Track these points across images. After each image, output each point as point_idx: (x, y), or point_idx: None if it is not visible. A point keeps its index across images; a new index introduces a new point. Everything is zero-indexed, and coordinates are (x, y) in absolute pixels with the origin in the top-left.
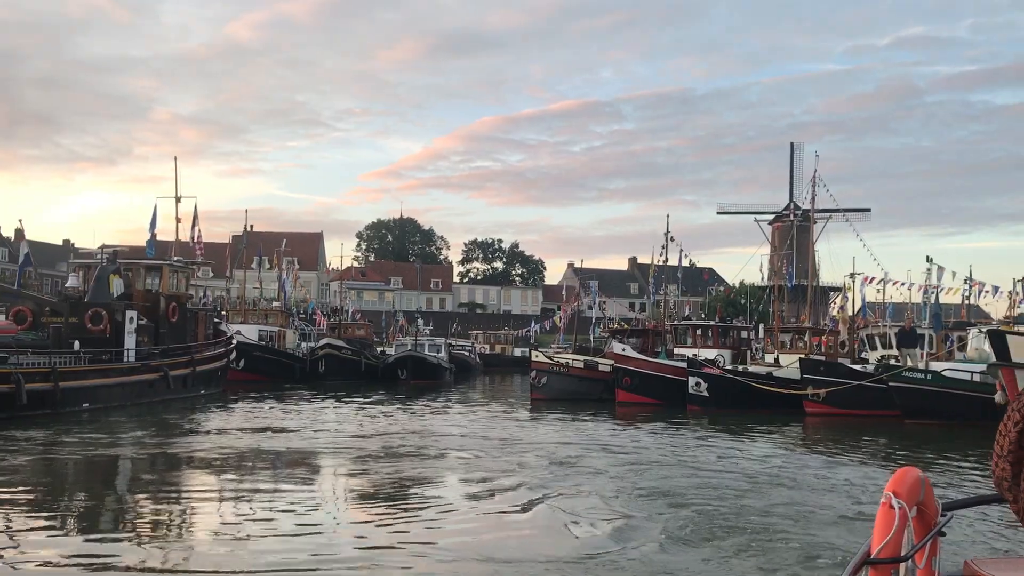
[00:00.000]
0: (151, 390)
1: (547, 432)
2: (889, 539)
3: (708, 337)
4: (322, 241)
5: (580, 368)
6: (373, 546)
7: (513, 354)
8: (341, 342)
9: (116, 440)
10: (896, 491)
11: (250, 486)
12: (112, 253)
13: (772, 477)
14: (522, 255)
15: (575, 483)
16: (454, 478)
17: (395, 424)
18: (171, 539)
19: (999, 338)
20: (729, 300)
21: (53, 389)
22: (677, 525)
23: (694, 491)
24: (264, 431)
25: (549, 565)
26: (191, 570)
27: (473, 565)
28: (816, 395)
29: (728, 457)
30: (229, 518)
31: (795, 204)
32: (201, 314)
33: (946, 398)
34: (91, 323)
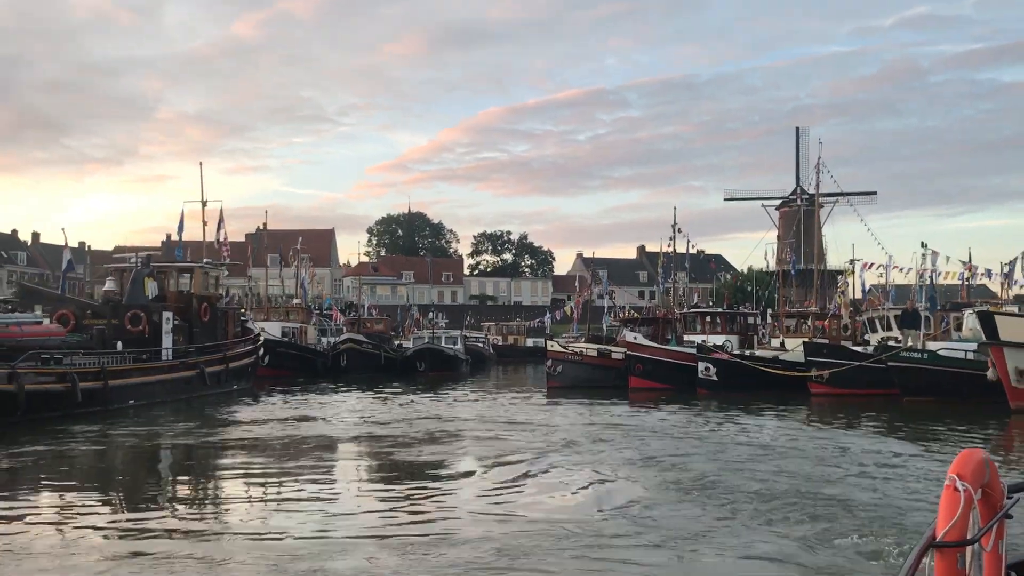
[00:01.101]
0: (189, 386)
1: (566, 416)
2: (955, 522)
3: (716, 324)
4: (334, 237)
5: (594, 356)
6: (405, 521)
7: (526, 344)
8: (361, 336)
9: (166, 432)
10: (960, 473)
11: (293, 467)
12: (146, 257)
13: (786, 449)
14: (531, 246)
15: (597, 457)
16: (489, 454)
17: (425, 411)
18: (211, 516)
19: (988, 319)
20: (736, 287)
21: (103, 387)
22: (718, 502)
23: (718, 466)
24: (300, 420)
25: (583, 525)
26: (231, 537)
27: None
28: (820, 376)
29: (741, 434)
30: (269, 498)
31: (801, 189)
32: (230, 313)
33: (942, 376)
34: (131, 324)
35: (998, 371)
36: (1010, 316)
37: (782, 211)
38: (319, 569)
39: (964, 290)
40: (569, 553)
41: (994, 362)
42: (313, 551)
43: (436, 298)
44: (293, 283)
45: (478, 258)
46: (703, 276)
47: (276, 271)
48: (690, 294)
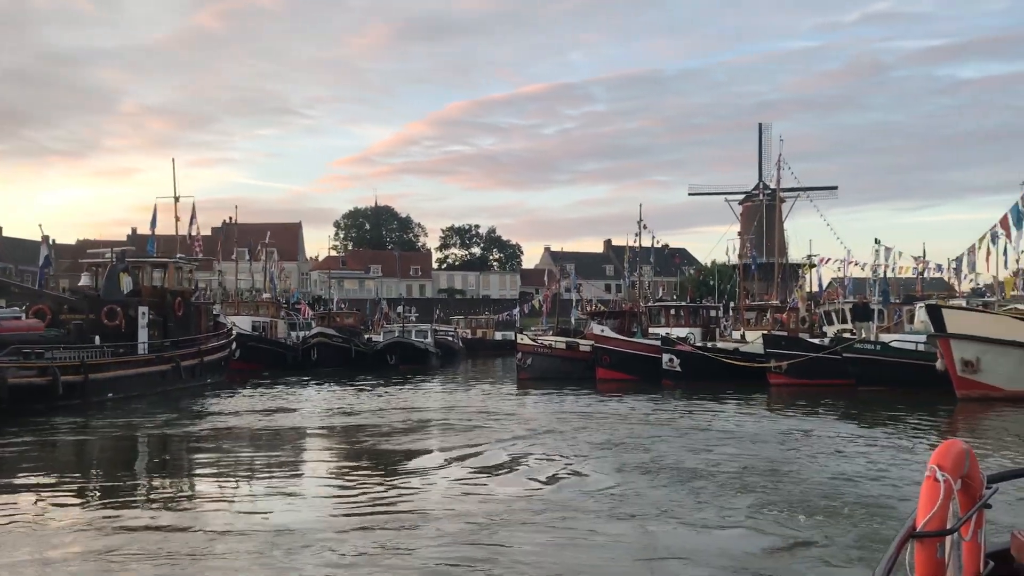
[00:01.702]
0: (164, 380)
1: (536, 405)
2: (934, 512)
3: (680, 317)
4: (301, 231)
5: (563, 349)
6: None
7: (494, 338)
8: (332, 331)
9: (146, 424)
10: (941, 464)
11: (272, 457)
12: (121, 252)
13: (745, 434)
14: (499, 240)
15: (566, 442)
16: (463, 441)
17: (399, 403)
18: (189, 505)
19: (936, 312)
20: (700, 281)
21: (83, 381)
22: (691, 484)
23: (682, 450)
24: (276, 412)
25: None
26: (205, 528)
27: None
28: (778, 367)
29: (703, 420)
30: (247, 487)
31: (764, 184)
32: (203, 307)
33: (893, 367)
34: (107, 319)
35: (945, 362)
36: (957, 309)
37: (745, 206)
38: (295, 553)
39: (919, 284)
40: (539, 526)
41: (942, 353)
42: (290, 537)
43: (404, 292)
44: (261, 277)
45: (446, 252)
46: (668, 270)
47: (244, 265)
48: (655, 288)
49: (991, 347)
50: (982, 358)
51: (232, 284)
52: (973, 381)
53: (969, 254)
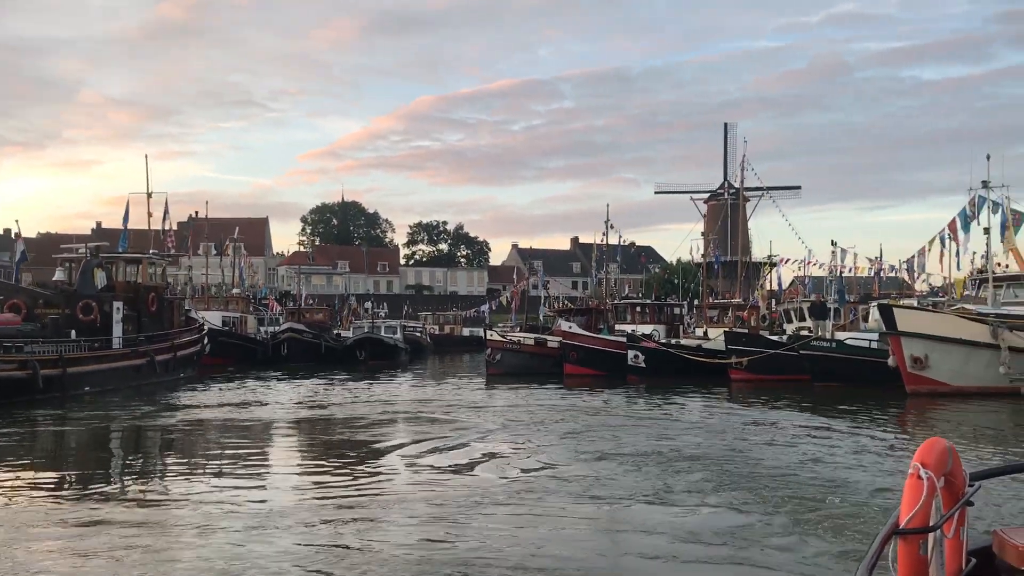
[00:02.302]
0: (139, 374)
1: (505, 399)
2: (918, 510)
3: (645, 314)
4: (267, 226)
5: (531, 345)
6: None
7: (462, 334)
8: (302, 326)
9: (123, 416)
10: (924, 462)
11: (242, 450)
12: (95, 248)
13: (706, 424)
14: (467, 236)
15: (534, 432)
16: (434, 431)
17: (370, 396)
18: (165, 494)
19: (887, 311)
20: (665, 280)
21: (61, 374)
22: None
23: (646, 438)
24: (251, 405)
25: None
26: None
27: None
28: (739, 363)
29: (666, 412)
30: (217, 478)
31: (729, 183)
32: (175, 303)
33: (848, 363)
34: (82, 314)
35: (896, 358)
36: (906, 309)
37: (710, 204)
38: (266, 540)
39: (876, 283)
40: (509, 507)
41: (893, 350)
42: (262, 525)
43: (372, 288)
44: (228, 271)
45: (414, 248)
46: (634, 268)
47: (211, 260)
48: (621, 285)
49: (938, 345)
50: (930, 355)
51: (199, 279)
52: (921, 377)
53: (919, 256)
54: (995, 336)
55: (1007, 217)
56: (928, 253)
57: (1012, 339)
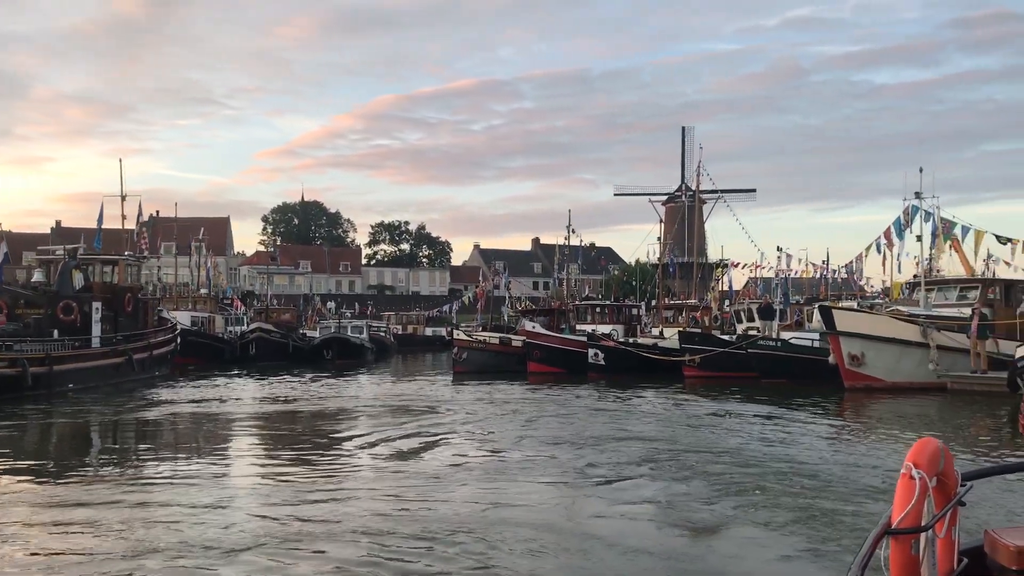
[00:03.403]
0: (118, 372)
1: (472, 394)
2: (909, 510)
3: (605, 314)
4: (229, 226)
5: (496, 344)
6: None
7: (425, 334)
8: (270, 326)
9: (107, 412)
10: (916, 462)
11: (220, 443)
12: (73, 250)
13: (661, 415)
14: (428, 237)
15: (498, 422)
16: (404, 423)
17: (341, 393)
18: (151, 486)
19: (827, 312)
20: (624, 281)
21: (48, 372)
22: (632, 458)
23: (604, 427)
24: (224, 401)
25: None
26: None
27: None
28: (692, 361)
29: (624, 405)
30: (194, 469)
31: (686, 186)
32: (150, 303)
33: (792, 361)
34: (63, 314)
35: (835, 356)
36: (845, 311)
37: (667, 206)
38: (230, 528)
39: (823, 285)
40: (470, 487)
41: (832, 349)
42: (233, 505)
43: (334, 287)
44: (191, 271)
45: (376, 248)
46: (594, 268)
47: (172, 259)
48: (581, 286)
49: (873, 343)
50: (866, 353)
51: (166, 279)
52: (858, 373)
53: (857, 261)
54: (925, 336)
55: (937, 226)
56: (865, 259)
57: (940, 338)
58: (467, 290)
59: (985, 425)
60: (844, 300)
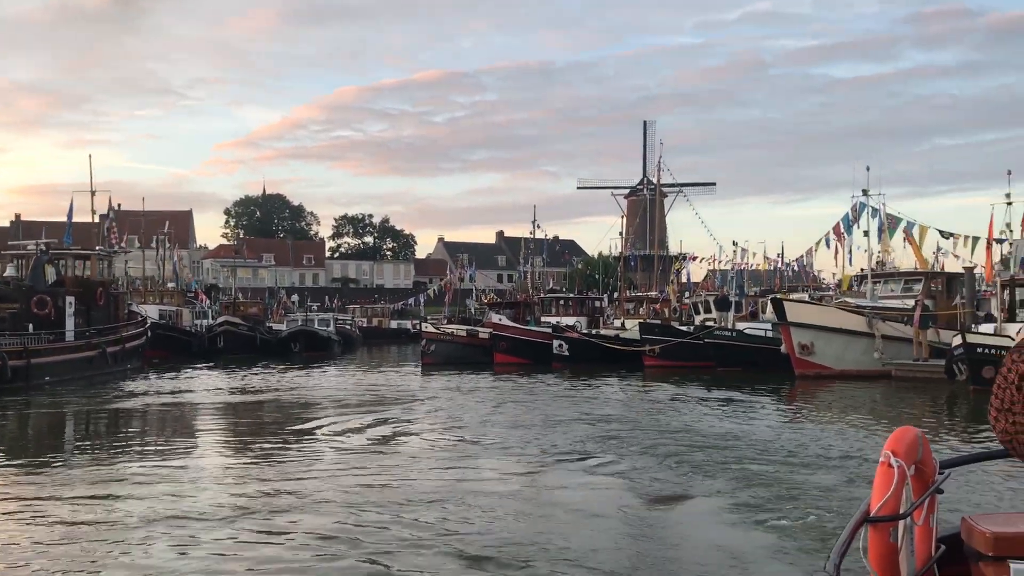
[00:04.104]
0: (92, 365)
1: (440, 383)
2: (888, 498)
3: (568, 307)
4: (192, 219)
5: (463, 336)
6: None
7: (390, 327)
8: (238, 319)
9: (85, 403)
10: (895, 450)
11: (195, 433)
12: (46, 245)
13: (622, 401)
14: (392, 230)
15: (465, 408)
16: (383, 410)
17: (314, 384)
18: (127, 475)
19: (778, 304)
20: (587, 275)
21: (26, 365)
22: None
23: (568, 412)
24: (197, 392)
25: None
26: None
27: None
28: (652, 351)
29: (587, 393)
30: (171, 458)
31: (648, 180)
32: (120, 297)
33: (746, 350)
34: (37, 308)
35: (786, 345)
36: (795, 302)
37: (629, 200)
38: (190, 516)
39: (778, 277)
40: (443, 463)
41: (784, 338)
42: (202, 486)
43: (298, 281)
44: (159, 265)
45: (339, 241)
46: (557, 261)
47: (137, 253)
48: (546, 279)
49: (822, 333)
50: (815, 342)
51: (132, 273)
52: (808, 361)
53: (808, 255)
54: (870, 326)
55: (883, 222)
56: (815, 253)
57: (884, 328)
58: (432, 283)
59: (926, 410)
60: (800, 292)
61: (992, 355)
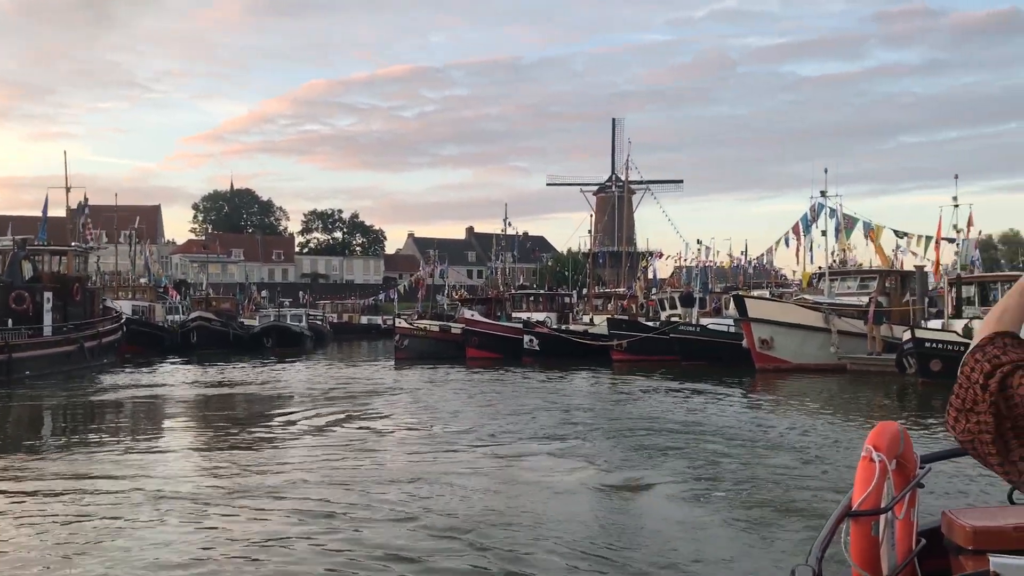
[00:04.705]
0: (70, 359)
1: (414, 377)
2: (870, 492)
3: (539, 303)
4: (160, 214)
5: (436, 331)
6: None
7: (360, 322)
8: (211, 315)
9: (69, 396)
10: (876, 445)
11: (174, 424)
12: (22, 241)
13: (591, 392)
14: (362, 225)
15: (438, 398)
16: (361, 401)
17: (299, 377)
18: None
19: (740, 301)
20: (556, 272)
21: (7, 360)
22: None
23: (538, 403)
24: (175, 386)
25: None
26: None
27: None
28: (619, 345)
29: (558, 385)
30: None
31: (617, 177)
32: (96, 292)
33: (709, 344)
34: (15, 304)
35: (747, 341)
36: (756, 299)
37: (599, 196)
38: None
39: (742, 275)
40: (417, 448)
41: (745, 333)
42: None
43: (267, 276)
44: (131, 260)
45: (309, 236)
46: (527, 257)
47: (108, 248)
48: (516, 275)
49: (781, 329)
50: (775, 337)
51: (101, 268)
52: (768, 356)
53: (768, 253)
54: (827, 322)
55: (840, 222)
56: (775, 251)
57: (840, 324)
58: (402, 279)
59: (876, 401)
60: (763, 289)
61: (939, 349)
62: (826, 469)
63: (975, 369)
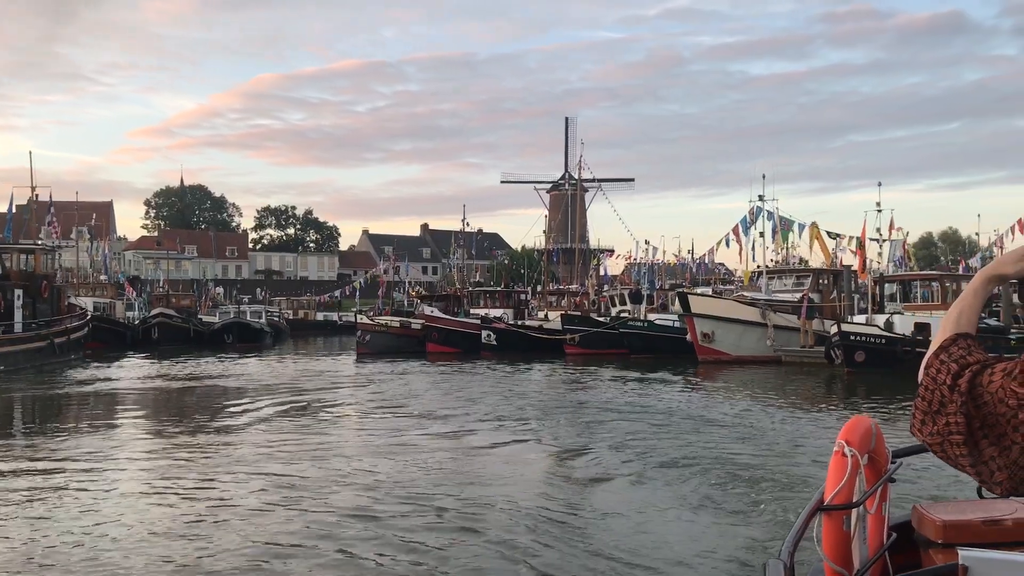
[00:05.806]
0: (41, 355)
1: (377, 371)
2: (841, 486)
3: (496, 299)
4: (112, 210)
5: (397, 327)
6: None
7: (316, 319)
8: (172, 311)
9: (46, 390)
10: (848, 440)
11: (152, 419)
12: None
13: (544, 382)
14: (316, 221)
15: (401, 391)
16: (326, 395)
17: (265, 373)
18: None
19: (683, 297)
20: (512, 269)
21: None
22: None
23: (498, 395)
24: (144, 379)
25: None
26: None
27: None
28: (572, 339)
29: (514, 377)
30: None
31: (570, 175)
32: (62, 290)
33: (656, 338)
34: None
35: (691, 335)
36: (698, 296)
37: (552, 194)
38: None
39: (688, 273)
40: (380, 434)
41: (688, 328)
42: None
43: (221, 272)
44: (83, 256)
45: (262, 232)
46: (482, 254)
47: (85, 247)
48: (472, 272)
49: (721, 323)
50: (716, 331)
51: (59, 265)
52: (709, 348)
53: (710, 253)
54: (763, 317)
55: (777, 224)
56: (717, 251)
57: (775, 319)
58: (357, 275)
59: (805, 388)
60: (706, 286)
61: (863, 342)
62: (758, 444)
63: (940, 371)
